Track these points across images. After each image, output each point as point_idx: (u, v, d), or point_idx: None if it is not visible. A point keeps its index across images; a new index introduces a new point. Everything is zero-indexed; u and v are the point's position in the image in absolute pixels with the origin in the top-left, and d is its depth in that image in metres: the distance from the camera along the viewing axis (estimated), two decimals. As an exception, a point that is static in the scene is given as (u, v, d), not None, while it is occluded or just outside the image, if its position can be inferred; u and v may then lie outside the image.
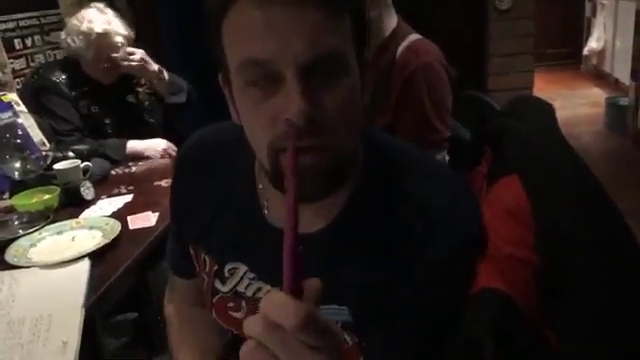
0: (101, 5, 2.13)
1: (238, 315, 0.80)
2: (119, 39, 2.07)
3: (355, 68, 0.64)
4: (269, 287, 0.77)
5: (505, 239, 0.69)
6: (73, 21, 2.08)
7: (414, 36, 1.58)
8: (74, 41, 2.06)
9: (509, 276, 0.68)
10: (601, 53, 5.82)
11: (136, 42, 3.40)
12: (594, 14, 5.99)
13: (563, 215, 0.66)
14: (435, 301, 0.70)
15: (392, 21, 1.60)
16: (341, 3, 0.60)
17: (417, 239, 0.68)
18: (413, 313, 0.70)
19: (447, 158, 1.58)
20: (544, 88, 5.70)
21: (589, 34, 6.04)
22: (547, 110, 0.84)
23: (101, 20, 2.06)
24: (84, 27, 2.04)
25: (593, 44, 5.83)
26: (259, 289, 0.78)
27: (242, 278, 0.79)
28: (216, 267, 0.81)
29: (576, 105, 5.14)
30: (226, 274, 0.80)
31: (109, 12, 2.12)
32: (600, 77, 5.85)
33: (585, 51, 6.09)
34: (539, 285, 0.67)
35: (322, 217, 0.72)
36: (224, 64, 0.65)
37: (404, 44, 1.54)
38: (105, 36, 2.04)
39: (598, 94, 5.28)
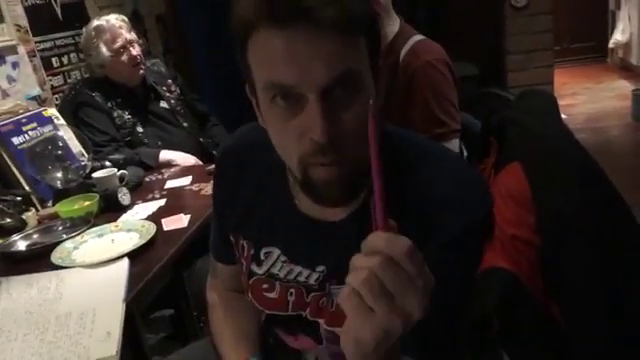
0: None
1: (272, 295, 0.88)
2: (116, 22, 2.18)
3: (370, 81, 0.69)
4: (300, 269, 0.84)
5: (508, 221, 0.75)
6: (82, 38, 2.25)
7: (417, 37, 1.63)
8: (88, 53, 2.21)
9: (514, 256, 0.73)
10: (627, 45, 5.72)
11: (165, 56, 3.55)
12: (618, 6, 5.89)
13: (560, 196, 0.70)
14: (447, 280, 0.75)
15: (394, 25, 1.66)
16: (356, 27, 0.65)
17: (428, 222, 0.73)
18: None
19: (465, 153, 1.63)
20: (570, 83, 5.64)
21: (614, 27, 5.95)
22: (548, 101, 0.88)
23: (95, 20, 2.22)
24: (85, 34, 2.20)
25: (618, 36, 5.74)
26: (291, 271, 0.85)
27: (276, 261, 0.86)
28: (253, 251, 0.89)
29: (603, 98, 5.07)
30: (262, 257, 0.88)
31: (106, 15, 2.25)
32: (627, 69, 5.75)
33: (610, 44, 6.00)
34: (543, 264, 0.72)
35: (346, 208, 0.78)
36: (250, 78, 0.71)
37: (407, 47, 1.60)
38: (102, 26, 2.17)
39: (625, 86, 5.19)
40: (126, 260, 1.32)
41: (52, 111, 2.03)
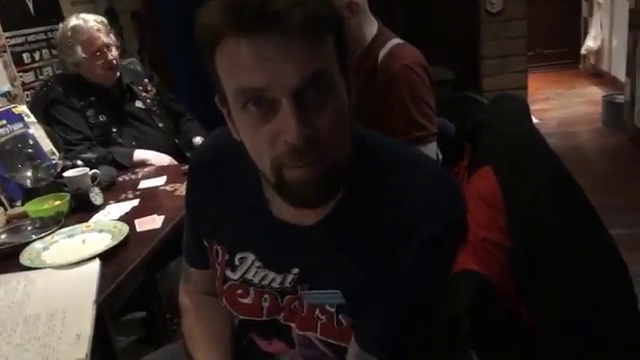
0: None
1: (246, 301, 0.87)
2: (94, 24, 2.14)
3: (341, 80, 0.70)
4: (274, 275, 0.84)
5: (480, 224, 0.75)
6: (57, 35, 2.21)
7: (395, 41, 1.65)
8: (63, 51, 2.17)
9: (485, 258, 0.74)
10: (598, 52, 5.86)
11: (141, 53, 3.51)
12: (591, 14, 6.03)
13: (530, 199, 0.72)
14: (419, 283, 0.76)
15: (372, 28, 1.67)
16: (323, 28, 0.66)
17: (402, 226, 0.74)
18: (400, 294, 0.77)
19: (440, 156, 1.65)
20: (543, 88, 5.76)
21: (586, 33, 6.08)
22: (520, 106, 0.89)
23: (74, 18, 2.17)
24: (61, 31, 2.15)
25: (590, 43, 5.87)
26: (265, 277, 0.85)
27: (250, 266, 0.86)
28: (227, 257, 0.88)
29: (575, 104, 5.18)
30: (236, 263, 0.87)
31: (85, 14, 2.21)
32: (598, 76, 5.88)
33: (583, 50, 6.13)
34: (513, 266, 0.73)
35: (318, 212, 0.79)
36: (220, 87, 0.71)
37: (385, 50, 1.62)
38: (80, 27, 2.12)
39: (596, 92, 5.31)
40: (97, 261, 1.30)
41: (22, 108, 1.98)
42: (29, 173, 1.75)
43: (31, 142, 1.84)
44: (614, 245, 0.72)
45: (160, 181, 1.93)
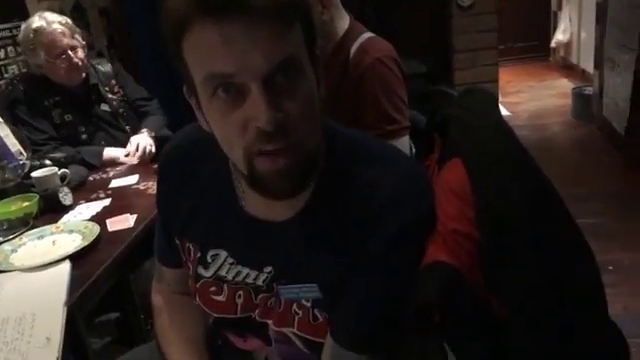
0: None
1: (220, 298, 0.86)
2: (58, 26, 2.06)
3: (309, 67, 0.70)
4: (248, 270, 0.83)
5: (449, 216, 0.76)
6: (20, 35, 2.13)
7: (367, 34, 1.65)
8: (25, 52, 2.11)
9: (455, 250, 0.74)
10: (568, 45, 5.96)
11: (110, 50, 3.44)
12: (560, 7, 6.13)
13: (497, 191, 0.72)
14: (389, 275, 0.77)
15: (344, 22, 1.67)
16: (290, 13, 0.66)
17: (371, 219, 0.75)
18: (371, 287, 0.77)
19: (414, 149, 1.66)
20: (514, 81, 5.84)
21: (556, 27, 6.18)
22: (489, 99, 0.90)
23: (37, 18, 2.08)
24: (24, 32, 2.08)
25: (560, 36, 5.97)
26: (239, 273, 0.84)
27: (223, 263, 0.85)
28: (199, 254, 0.87)
29: (545, 96, 5.26)
30: (209, 260, 0.86)
31: (49, 14, 2.12)
32: (568, 68, 5.98)
33: (552, 43, 6.23)
34: (482, 257, 0.74)
35: (291, 207, 0.79)
36: (188, 77, 0.70)
37: (357, 44, 1.62)
38: (42, 29, 2.04)
39: (566, 85, 5.40)
40: (68, 262, 1.28)
41: (-13, 108, 1.94)
42: (-4, 174, 1.71)
43: (-3, 142, 1.80)
44: (581, 234, 0.73)
45: (132, 180, 1.91)
